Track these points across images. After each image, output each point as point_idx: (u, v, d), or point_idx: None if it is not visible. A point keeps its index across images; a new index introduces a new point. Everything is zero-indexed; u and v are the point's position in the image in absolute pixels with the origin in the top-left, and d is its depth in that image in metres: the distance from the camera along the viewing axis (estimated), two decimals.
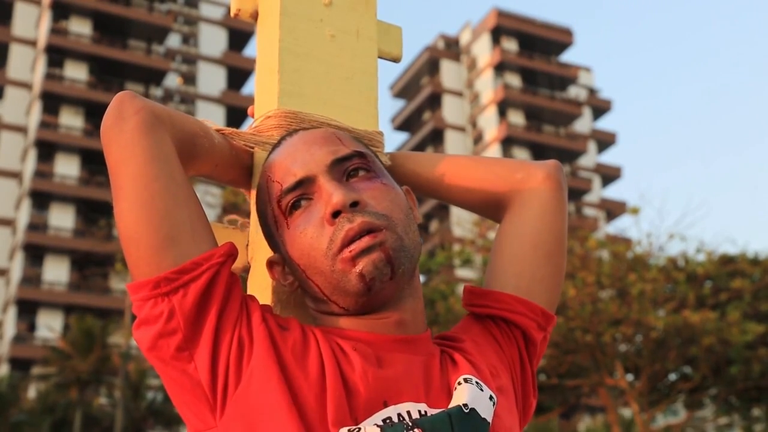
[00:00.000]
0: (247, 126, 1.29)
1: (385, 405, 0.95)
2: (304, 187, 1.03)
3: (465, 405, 0.95)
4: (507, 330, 1.16)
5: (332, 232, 1.00)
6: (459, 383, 0.99)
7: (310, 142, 1.07)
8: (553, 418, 26.24)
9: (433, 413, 0.95)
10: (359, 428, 0.91)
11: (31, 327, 37.79)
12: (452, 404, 0.97)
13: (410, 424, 0.92)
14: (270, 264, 1.10)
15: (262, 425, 0.93)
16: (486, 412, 0.97)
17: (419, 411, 0.96)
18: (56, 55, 41.14)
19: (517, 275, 1.17)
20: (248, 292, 1.19)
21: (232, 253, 1.02)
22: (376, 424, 0.92)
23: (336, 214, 1.00)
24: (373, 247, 0.99)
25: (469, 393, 0.97)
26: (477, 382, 1.00)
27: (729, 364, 16.64)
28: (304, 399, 0.94)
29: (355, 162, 1.06)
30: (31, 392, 31.02)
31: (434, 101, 54.48)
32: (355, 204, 1.00)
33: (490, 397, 1.00)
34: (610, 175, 53.42)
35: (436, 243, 41.53)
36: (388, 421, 0.93)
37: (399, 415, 0.94)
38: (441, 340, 1.13)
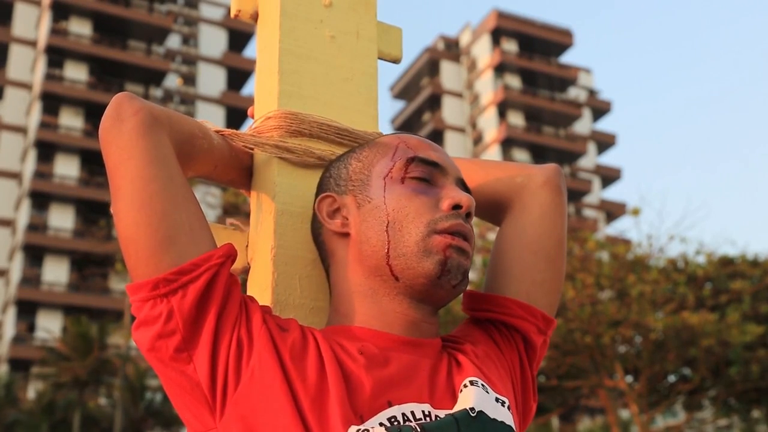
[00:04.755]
0: (247, 127, 1.29)
1: (390, 405, 0.95)
2: (434, 170, 1.08)
3: (472, 409, 0.95)
4: (507, 334, 1.16)
5: (445, 215, 1.04)
6: (465, 386, 0.99)
7: (446, 153, 1.14)
8: (553, 420, 26.24)
9: (440, 418, 0.95)
10: (367, 430, 0.91)
11: (31, 327, 37.76)
12: (458, 407, 0.96)
13: (416, 427, 0.92)
14: (326, 197, 1.10)
15: (262, 426, 0.93)
16: (494, 413, 0.97)
17: (423, 411, 0.96)
18: (56, 55, 41.13)
19: (517, 279, 1.17)
20: (248, 293, 1.19)
21: (230, 254, 1.02)
22: (381, 423, 0.92)
23: (455, 208, 1.04)
24: (466, 254, 1.04)
25: (475, 396, 0.97)
26: (483, 385, 1.00)
27: (728, 365, 16.63)
28: (301, 400, 0.94)
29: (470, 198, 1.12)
30: (31, 393, 31.00)
31: (434, 102, 54.49)
32: (469, 215, 1.07)
33: (497, 399, 1.00)
34: (609, 177, 53.43)
35: None
36: (393, 420, 0.93)
37: (404, 414, 0.94)
38: (445, 342, 1.12)
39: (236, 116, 45.54)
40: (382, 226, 1.04)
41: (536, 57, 52.39)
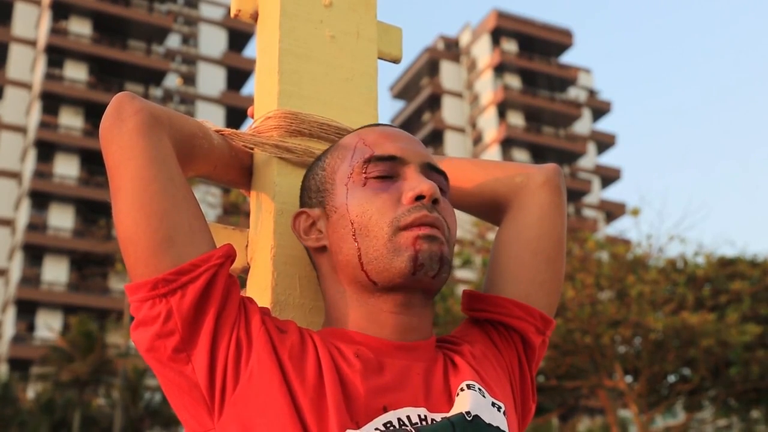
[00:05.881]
0: (247, 127, 1.29)
1: (385, 410, 0.95)
2: (393, 165, 1.06)
3: (468, 413, 0.95)
4: (506, 334, 1.16)
5: (407, 209, 1.02)
6: (461, 389, 0.99)
7: (411, 138, 1.11)
8: (552, 420, 26.23)
9: (436, 421, 0.95)
10: None
11: (30, 327, 37.77)
12: (454, 411, 0.96)
13: (412, 431, 0.92)
14: (300, 214, 1.10)
15: (261, 427, 0.93)
16: (491, 417, 0.97)
17: (418, 415, 0.95)
18: (56, 55, 41.13)
19: (516, 280, 1.17)
20: (248, 293, 1.19)
21: (230, 254, 1.02)
22: (376, 429, 0.92)
23: (418, 199, 1.02)
24: (437, 240, 1.01)
25: (471, 400, 0.97)
26: (479, 389, 1.00)
27: (728, 365, 16.63)
28: (301, 402, 0.93)
29: (440, 180, 1.09)
30: (30, 393, 30.99)
31: (434, 102, 54.49)
32: (436, 202, 1.03)
33: (493, 404, 1.00)
34: (609, 177, 53.43)
35: None
36: (388, 425, 0.93)
37: (399, 419, 0.94)
38: (441, 343, 1.12)
39: (236, 116, 45.53)
40: (350, 234, 1.03)
41: (536, 57, 52.38)
